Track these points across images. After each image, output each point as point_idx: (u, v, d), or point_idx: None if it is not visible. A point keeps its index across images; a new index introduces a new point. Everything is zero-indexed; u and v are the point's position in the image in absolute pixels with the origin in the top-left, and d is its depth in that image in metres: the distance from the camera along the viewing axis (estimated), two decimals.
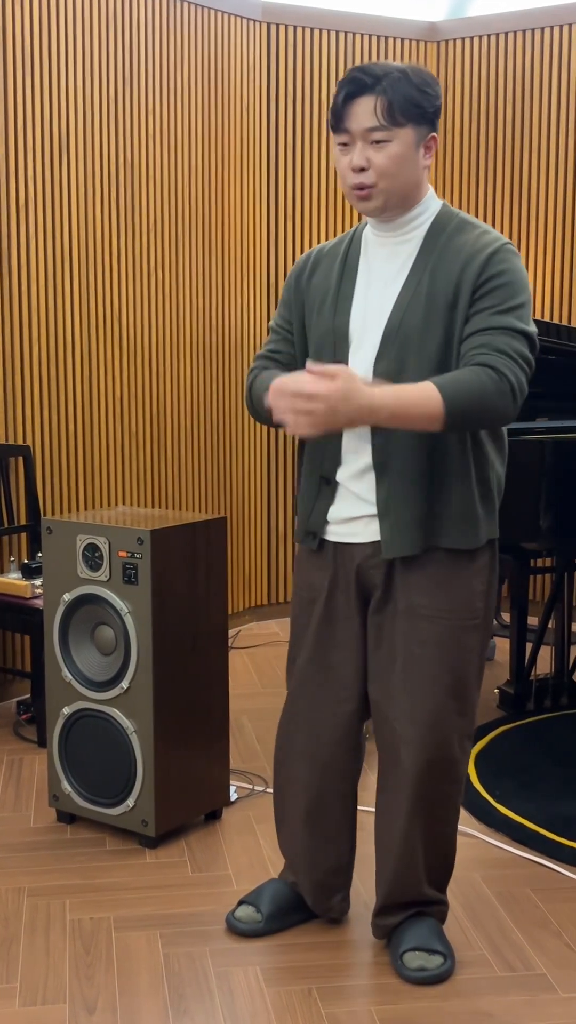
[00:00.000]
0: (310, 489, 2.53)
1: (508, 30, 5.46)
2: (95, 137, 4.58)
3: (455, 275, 2.34)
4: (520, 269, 2.36)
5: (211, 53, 5.03)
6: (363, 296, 2.45)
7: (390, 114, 2.29)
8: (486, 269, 2.32)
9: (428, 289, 2.36)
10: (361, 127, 2.31)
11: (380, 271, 2.45)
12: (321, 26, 5.36)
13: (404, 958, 2.56)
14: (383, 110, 2.29)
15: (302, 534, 2.55)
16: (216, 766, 3.30)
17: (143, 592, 3.04)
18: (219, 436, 5.27)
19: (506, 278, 2.33)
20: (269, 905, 2.71)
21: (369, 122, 2.30)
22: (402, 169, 2.34)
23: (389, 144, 2.31)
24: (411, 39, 5.56)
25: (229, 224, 5.20)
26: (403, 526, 2.40)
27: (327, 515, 2.50)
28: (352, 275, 2.48)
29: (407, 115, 2.30)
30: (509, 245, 2.37)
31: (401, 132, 2.31)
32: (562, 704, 4.28)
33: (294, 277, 2.58)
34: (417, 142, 2.34)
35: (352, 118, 2.32)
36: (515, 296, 2.33)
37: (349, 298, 2.45)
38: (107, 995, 2.50)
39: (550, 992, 2.51)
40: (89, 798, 3.22)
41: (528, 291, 2.37)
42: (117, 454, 4.79)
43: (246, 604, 5.52)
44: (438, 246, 2.38)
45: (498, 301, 2.32)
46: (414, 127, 2.32)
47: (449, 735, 2.48)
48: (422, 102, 2.32)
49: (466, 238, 2.37)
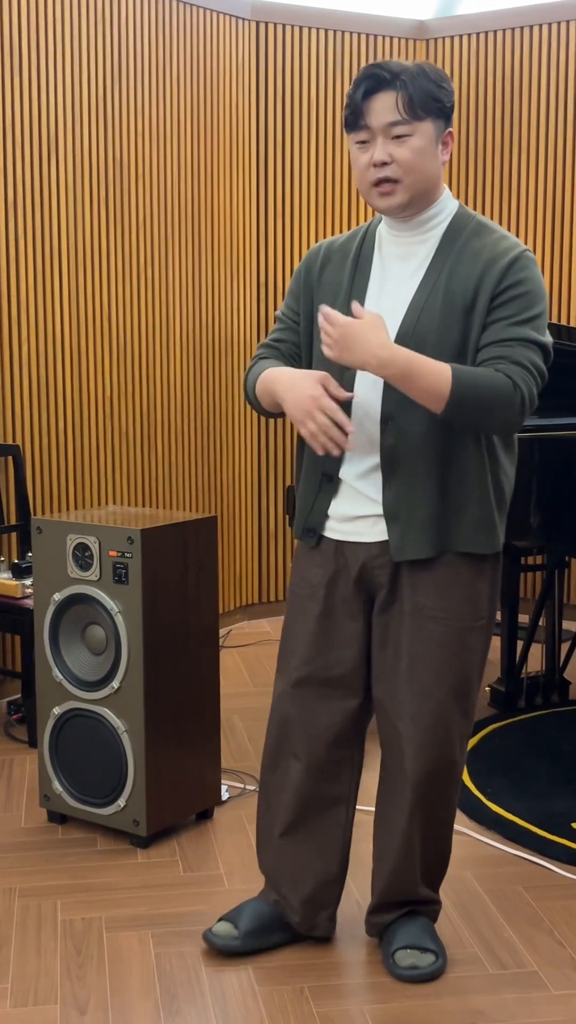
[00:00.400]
0: (310, 486, 2.51)
1: (496, 28, 5.46)
2: (85, 135, 4.57)
3: (474, 279, 2.33)
4: (538, 278, 2.36)
5: (200, 51, 5.03)
6: (376, 294, 2.43)
7: (411, 108, 2.29)
8: (506, 277, 2.32)
9: (445, 291, 2.34)
10: (382, 122, 2.30)
11: (395, 270, 2.43)
12: (310, 24, 5.35)
13: (396, 956, 2.56)
14: (404, 104, 2.28)
15: (300, 531, 2.53)
16: (207, 766, 3.30)
17: (134, 592, 3.04)
18: (209, 435, 5.26)
19: (525, 287, 2.33)
20: (247, 923, 2.63)
21: (390, 116, 2.29)
22: (424, 163, 2.33)
23: (411, 138, 2.31)
24: (400, 37, 5.55)
25: (218, 222, 5.20)
26: (413, 529, 2.38)
27: (328, 511, 2.49)
28: (365, 272, 2.46)
29: (427, 109, 2.30)
30: (528, 252, 2.36)
31: (422, 126, 2.31)
32: (553, 702, 4.29)
33: (304, 269, 2.56)
34: (436, 137, 2.34)
35: (372, 114, 2.31)
36: (533, 306, 2.33)
37: (362, 296, 2.44)
38: (99, 995, 2.49)
39: (542, 990, 2.51)
40: (80, 798, 3.21)
41: (545, 300, 2.37)
42: (107, 453, 4.78)
43: (237, 603, 5.51)
44: (455, 248, 2.37)
45: (516, 311, 2.32)
46: (433, 121, 2.32)
47: (451, 736, 2.48)
48: (440, 96, 2.32)
49: (484, 242, 2.37)
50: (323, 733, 2.55)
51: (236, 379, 5.37)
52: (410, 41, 5.58)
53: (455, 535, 2.39)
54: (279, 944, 2.65)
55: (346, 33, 5.42)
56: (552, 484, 3.64)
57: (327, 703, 2.54)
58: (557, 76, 5.36)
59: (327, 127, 5.43)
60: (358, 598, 2.50)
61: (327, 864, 2.61)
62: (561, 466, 3.62)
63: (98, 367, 4.71)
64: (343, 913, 2.71)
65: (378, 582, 2.47)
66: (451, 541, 2.39)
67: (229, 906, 2.79)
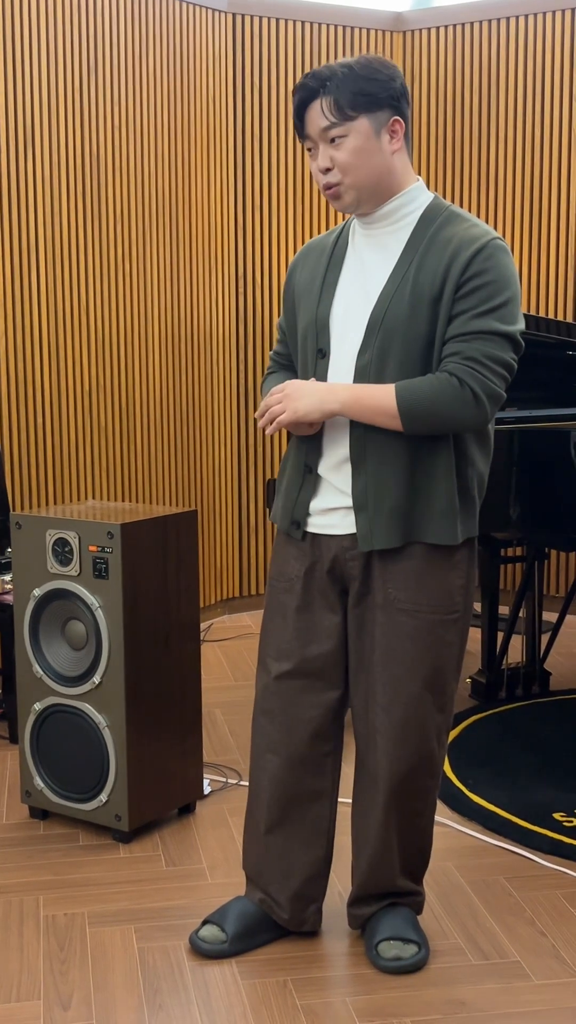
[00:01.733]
0: (294, 479, 2.52)
1: (473, 20, 5.46)
2: (61, 129, 4.55)
3: (441, 268, 2.33)
4: (506, 265, 2.34)
5: (177, 44, 5.01)
6: (348, 286, 2.44)
7: (338, 110, 2.31)
8: (470, 266, 2.31)
9: (414, 281, 2.35)
10: (317, 129, 2.35)
11: (367, 262, 2.44)
12: (287, 16, 5.34)
13: (379, 948, 2.56)
14: (331, 108, 2.32)
15: (286, 524, 2.54)
16: (189, 760, 3.30)
17: (114, 586, 3.03)
18: (189, 429, 5.25)
19: (489, 276, 2.32)
20: (234, 925, 2.62)
21: (322, 122, 2.33)
22: (364, 160, 2.34)
23: (346, 139, 2.33)
24: (377, 29, 5.55)
25: (196, 216, 5.19)
26: (380, 519, 2.39)
27: (309, 506, 2.50)
28: (338, 265, 2.48)
29: (356, 106, 2.32)
30: (498, 240, 2.35)
31: (354, 124, 2.32)
32: (534, 692, 4.30)
33: (288, 276, 2.61)
34: (376, 130, 2.34)
35: (309, 123, 2.36)
36: (497, 295, 2.32)
37: (333, 287, 2.45)
38: (82, 991, 2.49)
39: (524, 979, 2.52)
40: (62, 794, 3.21)
41: (514, 287, 2.35)
42: (86, 448, 4.77)
43: (218, 597, 5.51)
44: (426, 238, 2.37)
45: (478, 302, 2.31)
46: (368, 116, 2.32)
47: (426, 728, 2.48)
48: (372, 89, 2.32)
49: (454, 230, 2.36)
50: (304, 726, 2.55)
51: (215, 372, 5.36)
52: (387, 33, 5.57)
53: (421, 526, 2.40)
54: (267, 943, 2.65)
55: (323, 25, 5.41)
56: (531, 476, 3.65)
57: (308, 696, 2.54)
58: (534, 67, 5.37)
59: None
60: (333, 590, 2.51)
61: (313, 858, 2.61)
62: (540, 457, 3.63)
63: (76, 361, 4.69)
64: (326, 906, 2.71)
65: (350, 575, 2.47)
66: (417, 532, 2.40)
67: (212, 900, 2.79)
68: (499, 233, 2.58)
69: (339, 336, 2.42)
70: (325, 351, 2.43)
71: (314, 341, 2.45)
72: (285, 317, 2.61)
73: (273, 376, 2.64)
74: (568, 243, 5.40)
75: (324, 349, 2.43)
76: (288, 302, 2.60)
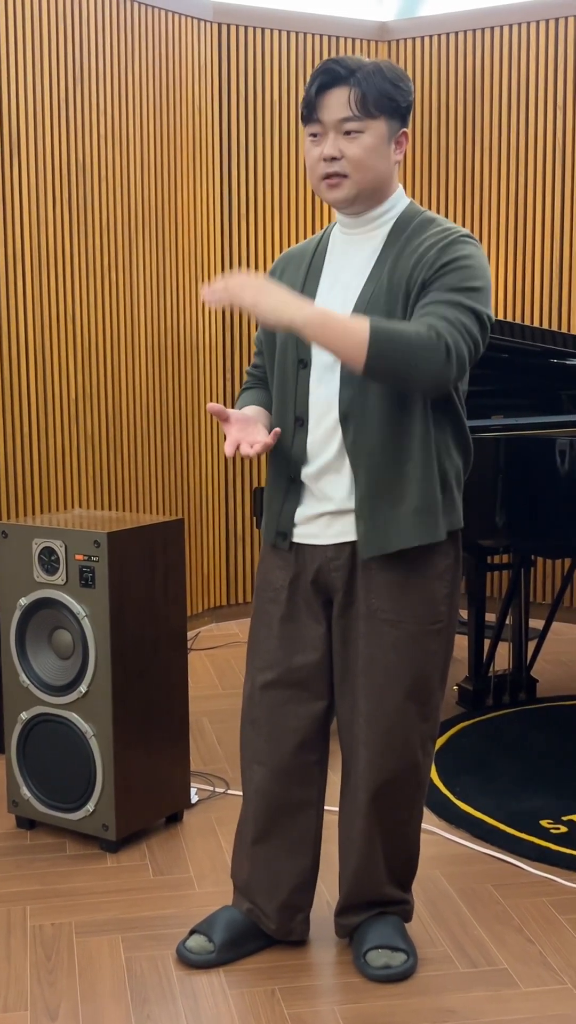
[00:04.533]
0: (277, 490, 2.51)
1: (458, 30, 5.48)
2: (46, 138, 4.55)
3: (411, 264, 2.33)
4: (480, 256, 2.34)
5: (162, 53, 5.02)
6: (327, 294, 2.44)
7: (364, 105, 2.29)
8: (443, 255, 2.31)
9: (388, 285, 2.35)
10: (334, 118, 2.31)
11: (345, 269, 2.44)
12: (272, 26, 5.36)
13: (368, 956, 2.56)
14: (357, 101, 2.29)
15: (272, 535, 2.52)
16: (177, 769, 3.29)
17: (101, 595, 3.03)
18: (175, 437, 5.25)
19: (465, 262, 2.31)
20: (222, 934, 2.61)
21: (342, 112, 2.30)
22: (374, 161, 2.33)
23: (362, 135, 2.31)
24: (362, 39, 5.57)
25: (182, 224, 5.19)
26: (379, 525, 2.38)
27: (294, 516, 2.49)
28: (317, 275, 2.47)
29: (380, 107, 2.30)
30: (469, 236, 2.36)
31: (374, 124, 2.31)
32: (521, 700, 4.31)
33: None
34: (389, 136, 2.34)
35: (325, 109, 2.31)
36: (472, 279, 2.30)
37: (313, 295, 2.45)
38: (69, 1001, 2.48)
39: (512, 987, 2.52)
40: (49, 803, 3.20)
41: (487, 279, 2.34)
42: (72, 456, 4.76)
43: (205, 605, 5.50)
44: (399, 243, 2.38)
45: (455, 281, 2.29)
46: (387, 120, 2.32)
47: (410, 738, 2.48)
48: (395, 96, 2.32)
49: (428, 234, 2.37)
50: (290, 737, 2.54)
51: (202, 380, 5.37)
52: (372, 43, 5.59)
53: (408, 529, 2.38)
54: (254, 952, 2.64)
55: (308, 35, 5.42)
56: (517, 483, 3.66)
57: (294, 707, 2.53)
58: (518, 77, 5.39)
59: (290, 128, 5.43)
60: (318, 600, 2.50)
61: (301, 868, 2.61)
62: (525, 465, 3.64)
63: (63, 370, 4.69)
64: (313, 914, 2.70)
65: (334, 585, 2.47)
66: (406, 536, 2.39)
67: (200, 909, 2.78)
68: (484, 241, 2.59)
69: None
70: (307, 361, 2.43)
71: (295, 351, 2.44)
72: (263, 328, 2.57)
73: (249, 392, 2.62)
74: (551, 251, 5.42)
75: (305, 359, 2.43)
76: None
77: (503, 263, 5.51)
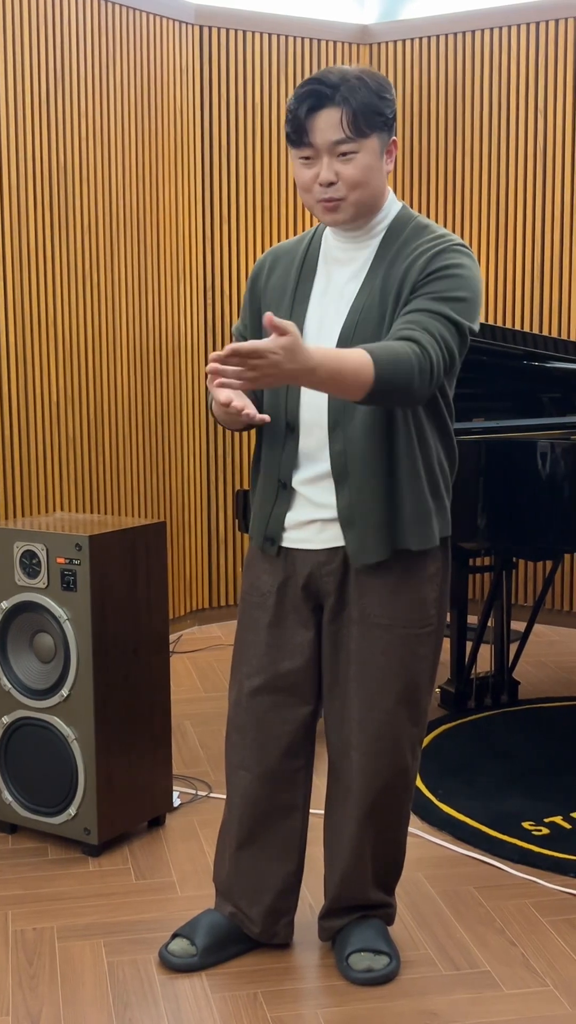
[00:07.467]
0: (267, 495, 2.49)
1: (439, 33, 5.49)
2: (27, 140, 4.54)
3: (402, 271, 2.32)
4: (471, 267, 2.32)
5: (144, 56, 5.01)
6: (320, 300, 2.42)
7: (356, 125, 2.24)
8: (434, 261, 2.29)
9: (380, 293, 2.33)
10: (327, 140, 2.26)
11: (338, 275, 2.42)
12: (254, 28, 5.35)
13: (350, 960, 2.56)
14: (348, 122, 2.24)
15: (260, 540, 2.51)
16: (159, 772, 3.29)
17: (82, 599, 3.02)
18: (157, 439, 5.24)
19: (454, 271, 2.29)
20: (205, 938, 2.60)
21: (335, 135, 2.25)
22: (371, 178, 2.30)
23: (357, 155, 2.27)
24: (343, 42, 5.57)
25: (164, 226, 5.19)
26: (369, 534, 2.37)
27: (284, 521, 2.48)
28: (310, 277, 2.45)
29: (371, 125, 2.26)
30: (461, 244, 2.34)
31: (367, 143, 2.27)
32: (503, 702, 4.32)
33: (252, 279, 2.54)
34: (381, 150, 2.31)
35: (316, 132, 2.26)
36: (459, 289, 2.29)
37: (305, 301, 2.43)
38: (51, 1006, 2.47)
39: (494, 989, 2.52)
40: (30, 807, 3.19)
41: (476, 291, 2.32)
42: (54, 459, 4.75)
43: (187, 608, 5.50)
44: (393, 250, 2.36)
45: (440, 289, 2.27)
46: (378, 135, 2.28)
47: (400, 743, 2.48)
48: (383, 109, 2.27)
49: (420, 241, 2.35)
50: (276, 742, 2.53)
51: (183, 383, 5.36)
52: (354, 45, 5.60)
53: (403, 534, 2.38)
54: (237, 955, 2.63)
55: (290, 37, 5.43)
56: (498, 486, 3.67)
57: (280, 712, 2.53)
58: (500, 80, 5.40)
59: (272, 131, 5.43)
60: (307, 606, 2.50)
61: (285, 873, 2.60)
62: (508, 468, 3.65)
63: (44, 372, 4.68)
64: (296, 917, 2.70)
65: (326, 590, 2.46)
66: (400, 539, 2.39)
67: (182, 913, 2.78)
68: (467, 243, 2.57)
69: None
70: None
71: None
72: (249, 321, 2.55)
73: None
74: (532, 254, 5.44)
75: None
76: (254, 305, 2.53)
77: (484, 266, 5.52)
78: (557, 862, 3.07)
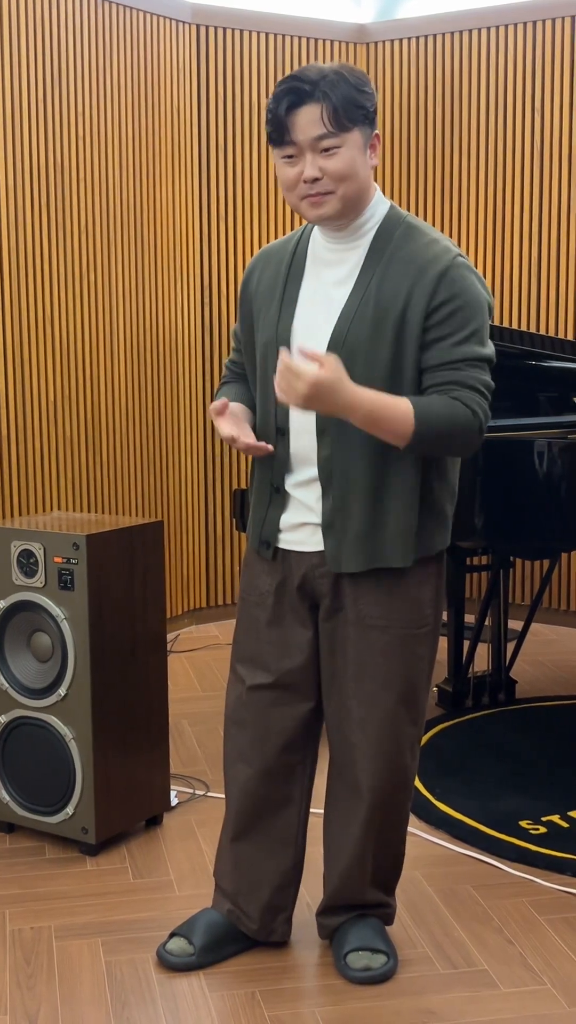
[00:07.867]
0: (261, 497, 2.50)
1: (436, 32, 5.49)
2: (24, 139, 4.54)
3: (404, 291, 2.30)
4: (474, 285, 2.32)
5: (141, 55, 5.01)
6: (308, 302, 2.40)
7: (337, 120, 2.23)
8: (438, 291, 2.28)
9: (376, 300, 2.31)
10: (309, 136, 2.25)
11: (327, 276, 2.40)
12: (251, 28, 5.35)
13: (348, 958, 2.56)
14: (329, 117, 2.23)
15: (256, 543, 2.52)
16: (156, 771, 3.29)
17: (80, 598, 3.02)
18: (155, 439, 5.24)
19: (461, 300, 2.29)
20: (202, 936, 2.60)
21: (316, 130, 2.24)
22: (355, 172, 2.29)
23: (340, 150, 2.26)
24: (340, 41, 5.57)
25: (161, 226, 5.18)
26: (348, 542, 2.37)
27: (279, 524, 2.48)
28: (298, 279, 2.43)
29: (353, 118, 2.25)
30: (460, 258, 2.32)
31: (350, 136, 2.26)
32: (500, 701, 4.32)
33: (244, 283, 2.54)
34: (364, 144, 2.30)
35: (298, 129, 2.25)
36: (472, 320, 2.31)
37: (293, 304, 2.41)
38: (49, 1005, 2.48)
39: (492, 988, 2.53)
40: (28, 806, 3.19)
41: (483, 308, 2.33)
42: (51, 458, 4.75)
43: (185, 607, 5.50)
44: (386, 253, 2.34)
45: (456, 328, 2.29)
46: (360, 129, 2.27)
47: (401, 743, 2.48)
48: (364, 102, 2.27)
49: (415, 247, 2.32)
50: (275, 738, 2.54)
51: (181, 383, 5.36)
52: (350, 45, 5.60)
53: (382, 550, 2.38)
54: (235, 954, 2.63)
55: (287, 37, 5.42)
56: (496, 485, 3.67)
57: (279, 709, 2.53)
58: (496, 80, 5.40)
59: None
60: (304, 605, 2.50)
61: (283, 868, 2.60)
62: (505, 468, 3.65)
63: (41, 372, 4.68)
64: (294, 916, 2.70)
65: (320, 592, 2.46)
66: (378, 556, 2.38)
67: (180, 912, 2.78)
68: (462, 244, 2.58)
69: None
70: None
71: (275, 360, 2.38)
72: (241, 325, 2.55)
73: (229, 387, 2.59)
74: (528, 253, 5.44)
75: None
76: (245, 309, 2.53)
77: (482, 265, 5.52)
78: (554, 861, 3.07)
